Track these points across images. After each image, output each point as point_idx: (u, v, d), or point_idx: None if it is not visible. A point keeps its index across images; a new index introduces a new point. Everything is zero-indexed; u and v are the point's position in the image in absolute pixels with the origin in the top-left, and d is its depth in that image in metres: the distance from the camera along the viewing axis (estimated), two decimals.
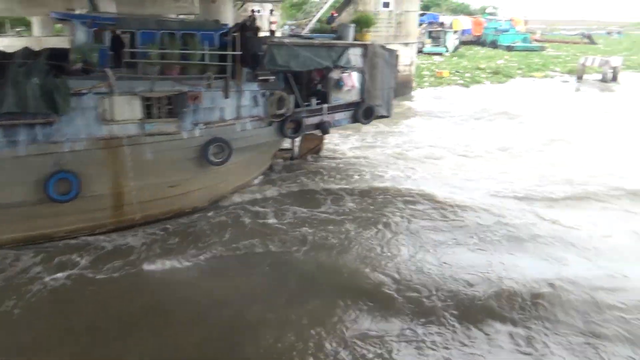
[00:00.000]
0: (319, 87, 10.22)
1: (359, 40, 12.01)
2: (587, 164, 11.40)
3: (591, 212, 8.82)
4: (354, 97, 10.28)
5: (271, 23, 15.81)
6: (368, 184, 9.78)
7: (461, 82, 23.28)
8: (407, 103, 18.57)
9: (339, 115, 10.22)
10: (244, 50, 8.15)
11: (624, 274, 6.72)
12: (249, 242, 7.39)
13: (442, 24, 38.22)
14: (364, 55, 10.10)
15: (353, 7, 18.14)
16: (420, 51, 32.03)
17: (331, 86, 9.94)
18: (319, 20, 17.11)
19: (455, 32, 41.34)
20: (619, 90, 22.55)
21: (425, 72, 25.07)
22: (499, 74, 25.87)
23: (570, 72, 26.37)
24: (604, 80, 23.86)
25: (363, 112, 10.38)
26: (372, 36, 18.80)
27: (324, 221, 8.08)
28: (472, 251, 7.26)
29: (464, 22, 46.88)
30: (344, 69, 9.88)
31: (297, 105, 9.32)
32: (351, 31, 11.68)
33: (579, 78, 24.70)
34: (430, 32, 35.97)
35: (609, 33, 69.96)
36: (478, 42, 46.05)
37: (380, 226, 7.97)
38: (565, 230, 7.90)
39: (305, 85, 9.77)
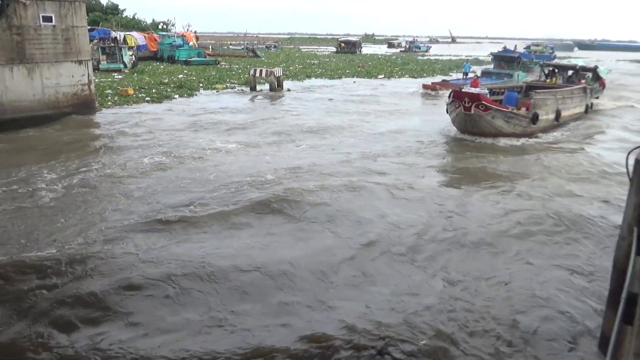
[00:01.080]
0: None
1: None
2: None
3: None
4: None
5: None
6: None
7: (148, 98, 22.90)
8: (91, 122, 17.21)
9: None
10: None
11: None
12: None
13: (115, 40, 36.85)
14: None
15: (6, 22, 15.64)
16: (96, 68, 30.12)
17: None
18: None
19: (131, 48, 40.50)
20: (285, 95, 26.22)
21: (108, 91, 23.67)
22: (184, 88, 26.51)
23: (245, 83, 29.06)
24: (271, 89, 27.22)
25: None
26: (38, 53, 16.87)
27: None
28: None
29: (138, 38, 46.40)
30: None
31: None
32: None
33: (252, 88, 27.53)
34: (104, 48, 34.19)
35: (267, 47, 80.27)
36: (156, 57, 46.31)
37: None
38: None
39: None
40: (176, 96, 24.24)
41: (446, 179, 11.95)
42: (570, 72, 23.65)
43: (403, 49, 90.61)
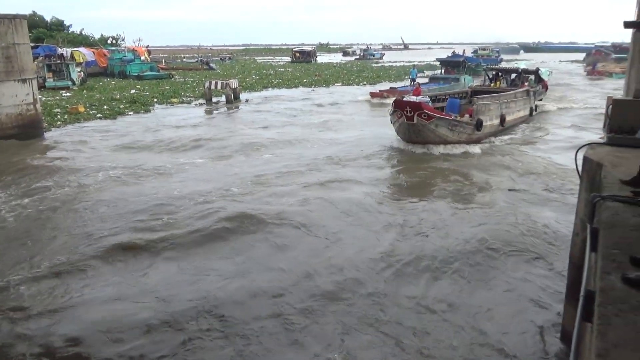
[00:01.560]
0: None
1: None
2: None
3: None
4: None
5: None
6: None
7: (100, 115, 22.21)
8: (38, 142, 16.50)
9: None
10: None
11: None
12: None
13: (62, 56, 35.67)
14: None
15: None
16: (42, 87, 29.02)
17: None
18: None
19: (80, 64, 39.34)
20: (242, 107, 26.00)
21: (57, 110, 22.82)
22: (137, 103, 25.85)
23: (201, 96, 28.64)
24: (228, 100, 26.94)
25: None
26: None
27: None
28: None
29: (86, 54, 45.18)
30: None
31: None
32: None
33: (209, 100, 27.16)
34: (50, 66, 33.01)
35: (222, 59, 79.62)
36: (106, 73, 45.16)
37: None
38: None
39: None
40: (130, 112, 23.61)
41: (394, 191, 11.38)
42: (513, 76, 23.61)
43: (358, 57, 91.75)
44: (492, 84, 22.61)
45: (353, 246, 8.11)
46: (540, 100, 23.61)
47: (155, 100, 27.70)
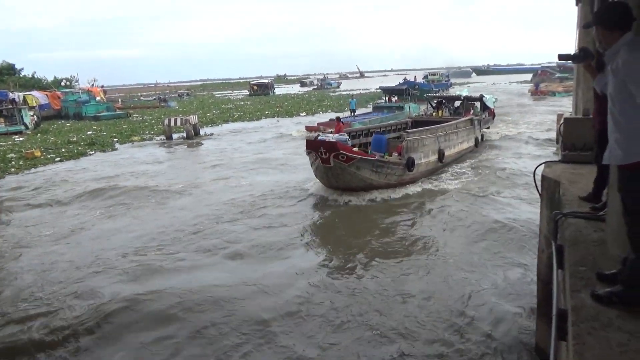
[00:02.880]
0: None
1: None
2: None
3: None
4: None
5: None
6: None
7: (59, 158, 21.65)
8: None
9: None
10: None
11: None
12: None
13: (13, 101, 34.72)
14: None
15: None
16: None
17: None
18: None
19: (33, 107, 38.39)
20: (204, 142, 25.84)
21: (11, 155, 22.07)
22: (95, 144, 25.34)
23: (162, 133, 28.29)
24: (188, 137, 26.72)
25: None
26: None
27: None
28: None
29: (39, 97, 44.20)
30: None
31: None
32: None
33: (169, 137, 26.83)
34: (1, 111, 32.05)
35: (180, 95, 79.30)
36: (60, 115, 44.18)
37: None
38: None
39: None
40: (91, 152, 23.23)
41: (311, 253, 9.51)
42: (457, 103, 22.12)
43: (315, 87, 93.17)
44: (434, 113, 21.29)
45: None
46: (488, 128, 22.42)
47: (115, 140, 27.15)
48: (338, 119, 19.73)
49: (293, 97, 63.59)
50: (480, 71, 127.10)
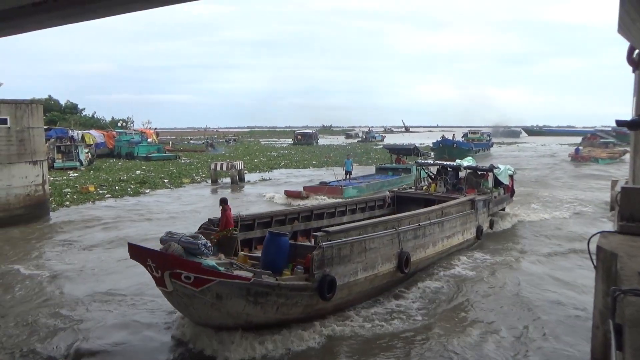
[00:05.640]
0: None
1: None
2: None
3: None
4: None
5: None
6: None
7: (109, 195, 22.65)
8: (45, 225, 16.55)
9: None
10: None
11: None
12: None
13: (72, 138, 36.87)
14: None
15: None
16: (51, 167, 29.69)
17: None
18: None
19: (89, 145, 40.57)
20: (246, 187, 26.39)
21: (67, 189, 23.25)
22: (146, 183, 26.32)
23: (209, 177, 29.12)
24: (233, 181, 27.37)
25: None
26: None
27: None
28: None
29: (96, 136, 46.75)
30: None
31: None
32: None
33: (214, 182, 27.60)
34: (59, 147, 34.03)
35: (227, 141, 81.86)
36: (112, 154, 46.35)
37: None
38: None
39: None
40: (147, 190, 24.46)
41: None
42: (461, 174, 17.11)
43: (360, 139, 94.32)
44: (425, 187, 16.65)
45: None
46: (503, 210, 17.33)
47: (165, 182, 28.06)
48: (224, 203, 9.55)
49: (336, 148, 64.41)
50: (532, 131, 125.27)
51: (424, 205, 13.53)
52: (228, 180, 28.01)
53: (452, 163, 17.27)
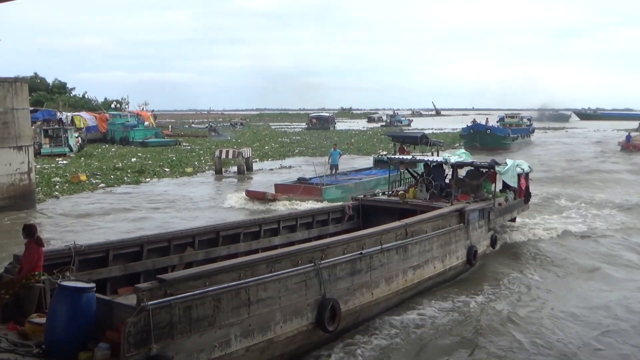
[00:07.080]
0: None
1: None
2: None
3: None
4: None
5: None
6: None
7: (103, 185, 22.97)
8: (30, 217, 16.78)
9: None
10: None
11: None
12: None
13: (61, 121, 37.27)
14: None
15: None
16: (38, 153, 30.05)
17: None
18: None
19: (79, 129, 40.94)
20: (255, 177, 26.47)
21: (57, 179, 23.51)
22: (144, 172, 26.66)
23: (213, 166, 29.12)
24: (240, 171, 27.10)
25: None
26: None
27: None
28: None
29: (87, 119, 47.12)
30: None
31: None
32: None
33: (218, 172, 27.48)
34: (47, 131, 34.39)
35: (233, 125, 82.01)
36: (105, 139, 46.63)
37: None
38: None
39: None
40: (148, 179, 24.92)
41: None
42: (464, 173, 14.68)
43: (384, 124, 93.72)
44: (402, 193, 13.66)
45: None
46: (513, 220, 14.84)
47: (166, 170, 28.10)
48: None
49: (356, 133, 64.09)
50: (584, 115, 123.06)
51: (399, 217, 10.99)
52: (234, 169, 27.93)
53: (435, 158, 14.95)
